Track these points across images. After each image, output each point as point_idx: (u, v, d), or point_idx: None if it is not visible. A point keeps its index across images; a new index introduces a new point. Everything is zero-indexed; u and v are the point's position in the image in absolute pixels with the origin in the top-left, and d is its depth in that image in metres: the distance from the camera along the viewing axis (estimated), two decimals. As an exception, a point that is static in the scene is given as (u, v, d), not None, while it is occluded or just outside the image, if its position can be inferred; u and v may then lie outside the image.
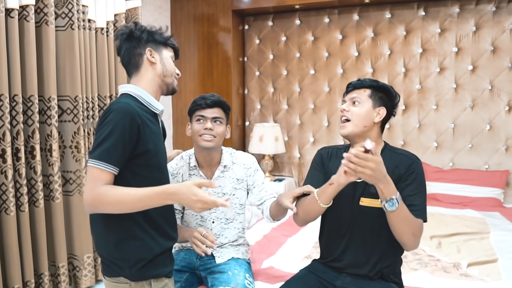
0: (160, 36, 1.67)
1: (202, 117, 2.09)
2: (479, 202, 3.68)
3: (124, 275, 1.56)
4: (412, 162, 1.72)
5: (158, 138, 1.61)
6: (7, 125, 2.42)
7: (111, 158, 1.44)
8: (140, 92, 1.60)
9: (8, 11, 2.43)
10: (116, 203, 1.44)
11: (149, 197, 1.44)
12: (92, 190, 1.43)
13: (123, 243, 1.53)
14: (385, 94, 1.79)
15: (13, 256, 2.48)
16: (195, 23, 4.41)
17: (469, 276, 2.30)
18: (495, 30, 3.81)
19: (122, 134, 1.45)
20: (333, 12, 4.28)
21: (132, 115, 1.47)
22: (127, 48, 1.64)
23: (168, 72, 1.67)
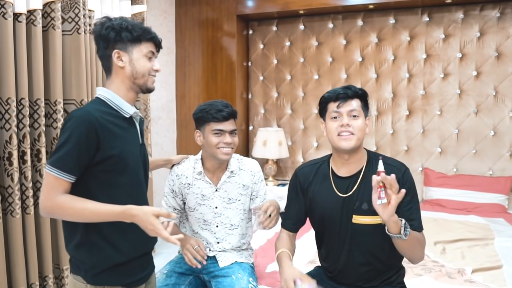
0: (130, 34, 1.54)
1: (220, 131, 2.05)
2: (483, 208, 3.67)
3: (81, 275, 1.57)
4: (403, 174, 1.69)
5: (126, 142, 1.56)
6: (14, 128, 2.43)
7: (65, 166, 1.43)
8: (111, 95, 1.56)
9: (16, 16, 2.45)
10: (73, 216, 1.46)
11: (108, 215, 1.45)
12: (49, 198, 1.44)
13: (83, 246, 1.54)
14: (367, 101, 1.78)
15: (18, 258, 2.48)
16: (200, 27, 4.43)
17: (474, 282, 2.30)
18: (499, 36, 3.82)
19: (77, 142, 1.43)
20: (337, 17, 4.30)
21: (89, 123, 1.45)
22: (99, 47, 1.59)
23: (138, 74, 1.57)
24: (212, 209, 2.16)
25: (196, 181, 2.16)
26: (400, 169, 1.70)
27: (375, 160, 1.73)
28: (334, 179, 1.77)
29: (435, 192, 3.93)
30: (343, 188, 1.74)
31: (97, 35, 1.57)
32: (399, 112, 4.19)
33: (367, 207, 1.66)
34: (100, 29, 1.56)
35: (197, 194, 2.16)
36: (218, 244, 2.18)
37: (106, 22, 1.56)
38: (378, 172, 1.53)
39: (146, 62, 1.58)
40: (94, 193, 1.50)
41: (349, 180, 1.74)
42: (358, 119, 1.70)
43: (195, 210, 2.17)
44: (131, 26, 1.55)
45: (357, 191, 1.71)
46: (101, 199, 1.49)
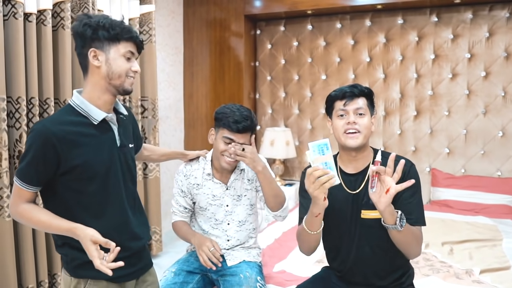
0: (107, 32, 1.48)
1: (231, 140, 2.04)
2: (491, 209, 3.66)
3: (66, 268, 1.60)
4: (408, 168, 1.70)
5: (93, 150, 1.52)
6: (24, 127, 2.46)
7: (26, 178, 1.48)
8: (80, 101, 1.52)
9: (27, 16, 2.47)
10: (31, 225, 1.56)
11: (57, 229, 1.49)
12: (13, 205, 1.52)
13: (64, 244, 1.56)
14: (372, 99, 1.79)
15: (28, 256, 2.51)
16: (208, 27, 4.45)
17: (482, 283, 2.29)
18: (508, 36, 3.80)
19: (34, 156, 1.45)
20: (345, 17, 4.29)
21: (45, 137, 1.43)
22: (76, 47, 1.54)
23: (114, 74, 1.51)
24: (223, 208, 2.17)
25: (206, 182, 2.17)
26: (406, 164, 1.69)
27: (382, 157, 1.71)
28: (342, 177, 1.77)
29: (443, 192, 3.92)
30: (351, 185, 1.76)
31: (75, 32, 1.52)
32: (407, 112, 4.17)
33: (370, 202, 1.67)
34: (78, 26, 1.50)
35: (208, 194, 2.17)
36: (228, 242, 2.20)
37: (83, 19, 1.50)
38: (375, 162, 1.57)
39: (123, 62, 1.53)
40: (65, 201, 1.52)
41: (357, 176, 1.76)
42: (364, 117, 1.72)
43: (206, 210, 2.19)
44: (108, 24, 1.49)
45: (365, 187, 1.72)
46: (73, 206, 1.52)
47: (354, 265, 1.78)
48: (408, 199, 1.67)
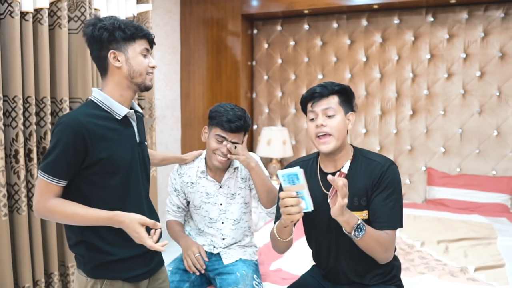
0: (123, 33, 1.53)
1: (223, 138, 2.06)
2: (486, 207, 3.68)
3: (81, 269, 1.60)
4: (386, 169, 1.65)
5: (117, 144, 1.55)
6: (20, 126, 2.45)
7: (54, 171, 1.47)
8: (103, 97, 1.56)
9: (23, 14, 2.47)
10: (64, 219, 1.51)
11: (96, 220, 1.49)
12: (40, 201, 1.49)
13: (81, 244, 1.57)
14: (348, 95, 1.71)
15: (24, 255, 2.50)
16: (205, 27, 4.45)
17: (476, 280, 2.31)
18: (503, 36, 3.82)
19: (64, 149, 1.45)
20: (342, 17, 4.31)
21: (76, 129, 1.45)
22: (93, 49, 1.56)
23: (135, 72, 1.56)
24: (217, 206, 2.18)
25: (200, 180, 2.18)
26: (384, 165, 1.66)
27: (360, 156, 1.72)
28: (321, 176, 1.76)
29: (439, 191, 3.94)
30: (329, 184, 1.69)
31: (89, 37, 1.54)
32: (403, 112, 4.19)
33: (350, 203, 1.65)
34: (92, 31, 1.53)
35: (202, 192, 2.18)
36: (223, 240, 2.20)
37: (97, 23, 1.53)
38: (340, 172, 1.52)
39: (142, 59, 1.57)
40: (86, 195, 1.53)
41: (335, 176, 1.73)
42: (334, 117, 1.66)
43: (200, 208, 2.19)
44: (123, 25, 1.53)
45: None
46: (93, 200, 1.52)
47: (335, 264, 1.77)
48: (382, 201, 1.63)
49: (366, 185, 1.65)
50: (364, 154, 1.74)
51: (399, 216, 1.66)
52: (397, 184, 1.66)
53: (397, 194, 1.66)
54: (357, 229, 1.52)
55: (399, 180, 1.68)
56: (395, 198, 1.64)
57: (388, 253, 1.62)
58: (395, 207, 1.64)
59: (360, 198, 1.67)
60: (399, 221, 1.66)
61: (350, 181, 1.66)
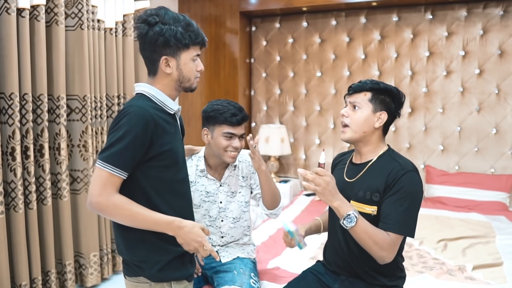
0: (179, 42, 1.50)
1: (232, 135, 2.05)
2: (484, 205, 3.68)
3: (144, 275, 1.55)
4: (404, 172, 1.63)
5: (173, 138, 1.56)
6: (17, 124, 2.45)
7: (119, 162, 1.41)
8: (155, 92, 1.55)
9: (20, 11, 2.46)
10: (125, 217, 1.44)
11: (156, 223, 1.45)
12: (102, 194, 1.41)
13: (137, 245, 1.54)
14: (388, 96, 1.73)
15: (21, 253, 2.50)
16: (203, 24, 4.43)
17: (474, 279, 2.31)
18: (502, 34, 3.81)
19: (133, 139, 1.41)
20: (340, 14, 4.29)
21: (146, 120, 1.43)
22: (144, 49, 1.55)
23: (185, 78, 1.56)
24: (217, 204, 2.17)
25: (200, 179, 2.17)
26: (403, 168, 1.65)
27: (387, 155, 1.74)
28: (348, 165, 1.82)
29: (437, 189, 3.94)
30: (352, 174, 1.77)
31: (143, 35, 1.51)
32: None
33: (362, 195, 1.69)
34: (147, 31, 1.49)
35: (201, 191, 2.17)
36: (222, 238, 2.20)
37: (155, 25, 1.49)
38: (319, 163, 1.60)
39: (192, 65, 1.57)
40: (143, 187, 1.49)
41: (359, 167, 1.77)
42: (358, 110, 1.72)
43: (200, 207, 2.18)
44: (180, 34, 1.49)
45: (360, 179, 1.73)
46: (149, 193, 1.50)
47: (339, 252, 1.79)
48: (392, 203, 1.62)
49: (381, 182, 1.66)
50: (391, 154, 1.75)
51: (409, 223, 1.62)
52: (413, 191, 1.63)
53: (411, 202, 1.62)
54: (347, 218, 1.55)
55: (416, 188, 1.65)
56: (407, 204, 1.61)
57: (383, 252, 1.60)
58: (405, 213, 1.61)
59: (373, 193, 1.68)
60: (407, 228, 1.62)
61: (369, 175, 1.71)
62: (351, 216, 1.55)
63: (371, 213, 1.66)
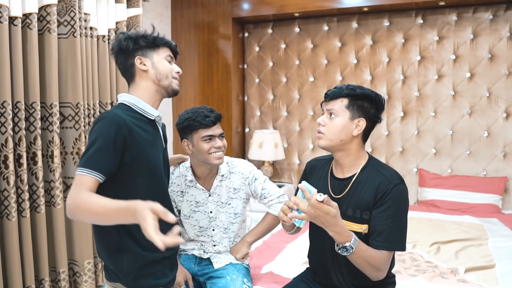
0: (146, 40, 1.63)
1: (211, 137, 2.04)
2: (477, 208, 3.70)
3: (121, 282, 1.58)
4: (392, 187, 1.59)
5: (151, 145, 1.59)
6: (10, 132, 2.44)
7: (94, 164, 1.43)
8: (134, 100, 1.61)
9: (12, 19, 2.46)
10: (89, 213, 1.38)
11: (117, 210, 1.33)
12: (71, 195, 1.40)
13: (115, 253, 1.55)
14: (366, 101, 1.66)
15: (14, 261, 2.49)
16: (196, 30, 4.45)
17: (467, 281, 2.32)
18: (492, 38, 3.85)
19: (106, 143, 1.45)
20: (332, 20, 4.32)
21: (118, 125, 1.47)
22: (120, 61, 1.66)
23: (162, 75, 1.63)
24: (207, 214, 2.17)
25: (189, 189, 2.17)
26: (391, 182, 1.60)
27: (371, 167, 1.68)
28: (331, 179, 1.75)
29: (430, 193, 3.96)
30: (337, 189, 1.71)
31: (117, 50, 1.64)
32: (394, 113, 4.21)
33: (352, 213, 1.63)
34: (119, 44, 1.63)
35: (191, 201, 2.17)
36: (214, 247, 2.20)
37: (122, 37, 1.64)
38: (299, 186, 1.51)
39: (167, 64, 1.65)
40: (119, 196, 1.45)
41: (343, 182, 1.70)
42: (334, 119, 1.66)
43: (190, 217, 2.18)
44: (146, 34, 1.63)
45: (346, 195, 1.67)
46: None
47: (328, 269, 1.75)
48: (383, 219, 1.58)
49: (370, 199, 1.61)
50: (375, 166, 1.69)
51: (400, 239, 1.60)
52: (402, 205, 1.61)
53: (402, 216, 1.60)
54: (342, 248, 1.51)
55: (404, 200, 1.62)
56: (398, 219, 1.59)
57: (378, 272, 1.58)
58: (397, 228, 1.59)
59: (363, 211, 1.62)
60: (399, 244, 1.60)
61: (356, 191, 1.65)
62: (347, 247, 1.50)
63: (361, 232, 1.62)
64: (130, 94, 1.64)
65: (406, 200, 1.63)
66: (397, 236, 1.59)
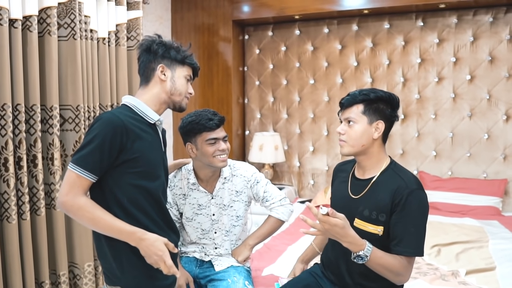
0: (177, 53, 1.66)
1: (215, 140, 2.04)
2: (477, 210, 3.70)
3: (120, 285, 1.59)
4: (410, 192, 1.60)
5: (150, 147, 1.60)
6: (10, 134, 2.44)
7: (87, 164, 1.46)
8: (137, 102, 1.62)
9: (12, 22, 2.46)
10: (88, 220, 1.47)
11: (119, 231, 1.47)
12: (69, 194, 1.46)
13: (114, 255, 1.56)
14: (381, 103, 1.69)
15: (14, 264, 2.48)
16: (196, 33, 4.46)
17: (467, 284, 2.32)
18: (492, 41, 3.86)
19: (102, 143, 1.46)
20: (332, 22, 4.33)
21: (115, 125, 1.49)
22: (143, 59, 1.67)
23: (176, 91, 1.66)
24: (209, 217, 2.17)
25: (192, 192, 2.17)
26: (409, 187, 1.62)
27: (391, 170, 1.70)
28: (352, 180, 1.80)
29: (430, 195, 3.93)
30: (356, 190, 1.75)
31: (146, 48, 1.65)
32: (394, 116, 4.20)
33: (368, 214, 1.66)
34: (150, 44, 1.65)
35: (194, 204, 2.17)
36: (215, 250, 2.20)
37: (157, 40, 1.66)
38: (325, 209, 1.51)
39: (185, 82, 1.68)
40: (116, 196, 1.53)
41: (363, 183, 1.74)
42: (353, 126, 1.69)
43: (192, 220, 2.18)
44: (178, 49, 1.66)
45: (365, 196, 1.71)
46: (126, 205, 1.52)
47: (340, 265, 1.79)
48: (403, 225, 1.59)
49: (387, 201, 1.63)
50: (395, 169, 1.71)
51: (420, 244, 1.62)
52: (422, 211, 1.62)
53: (421, 222, 1.62)
54: (357, 257, 1.54)
55: (424, 206, 1.63)
56: (418, 225, 1.60)
57: (400, 277, 1.61)
58: (418, 234, 1.60)
59: (379, 213, 1.64)
60: (419, 249, 1.61)
61: (374, 192, 1.68)
62: (362, 256, 1.53)
63: (376, 233, 1.64)
64: (136, 97, 1.65)
65: (426, 206, 1.64)
66: (418, 242, 1.61)
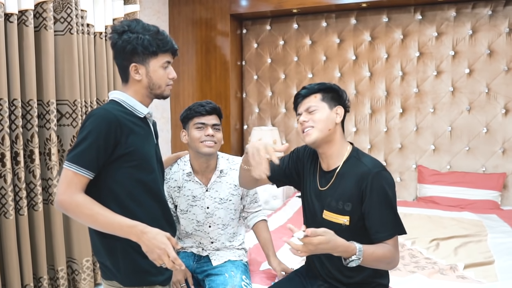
0: (145, 49, 1.55)
1: (202, 124, 2.09)
2: (476, 204, 3.70)
3: (116, 280, 1.58)
4: (374, 175, 1.62)
5: (143, 140, 1.60)
6: (6, 129, 2.43)
7: (83, 161, 1.45)
8: (125, 97, 1.60)
9: (8, 16, 2.44)
10: (87, 217, 1.45)
11: (119, 226, 1.44)
12: (66, 192, 1.44)
13: (110, 250, 1.55)
14: (335, 93, 1.77)
15: (12, 259, 2.48)
16: (193, 27, 4.43)
17: (466, 278, 2.31)
18: (491, 34, 3.84)
19: (96, 139, 1.46)
20: (331, 16, 4.31)
21: (109, 120, 1.48)
22: (115, 57, 1.63)
23: (155, 85, 1.61)
24: (204, 210, 2.16)
25: (186, 183, 2.17)
26: (371, 170, 1.64)
27: (354, 158, 1.72)
28: (320, 172, 1.81)
29: (429, 189, 3.95)
30: (323, 182, 1.77)
31: (113, 43, 1.59)
32: (392, 110, 4.20)
33: (335, 204, 1.68)
34: (117, 39, 1.57)
35: (188, 196, 2.17)
36: (212, 244, 2.19)
37: (123, 33, 1.56)
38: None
39: (162, 72, 1.61)
40: (114, 191, 1.52)
41: (329, 174, 1.76)
42: (316, 112, 1.72)
43: (188, 212, 2.18)
44: (147, 41, 1.54)
45: (331, 187, 1.73)
46: (123, 200, 1.52)
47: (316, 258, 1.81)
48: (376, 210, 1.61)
49: (353, 191, 1.65)
50: (357, 156, 1.73)
51: (397, 222, 1.64)
52: (389, 190, 1.64)
53: (392, 201, 1.63)
54: (350, 263, 1.53)
55: (390, 184, 1.65)
56: (389, 205, 1.62)
57: (392, 263, 1.63)
58: (392, 214, 1.63)
59: (345, 203, 1.67)
60: (398, 228, 1.64)
61: (339, 183, 1.70)
62: (355, 259, 1.52)
63: (342, 224, 1.66)
64: (122, 91, 1.63)
65: (392, 184, 1.67)
66: (394, 222, 1.64)
